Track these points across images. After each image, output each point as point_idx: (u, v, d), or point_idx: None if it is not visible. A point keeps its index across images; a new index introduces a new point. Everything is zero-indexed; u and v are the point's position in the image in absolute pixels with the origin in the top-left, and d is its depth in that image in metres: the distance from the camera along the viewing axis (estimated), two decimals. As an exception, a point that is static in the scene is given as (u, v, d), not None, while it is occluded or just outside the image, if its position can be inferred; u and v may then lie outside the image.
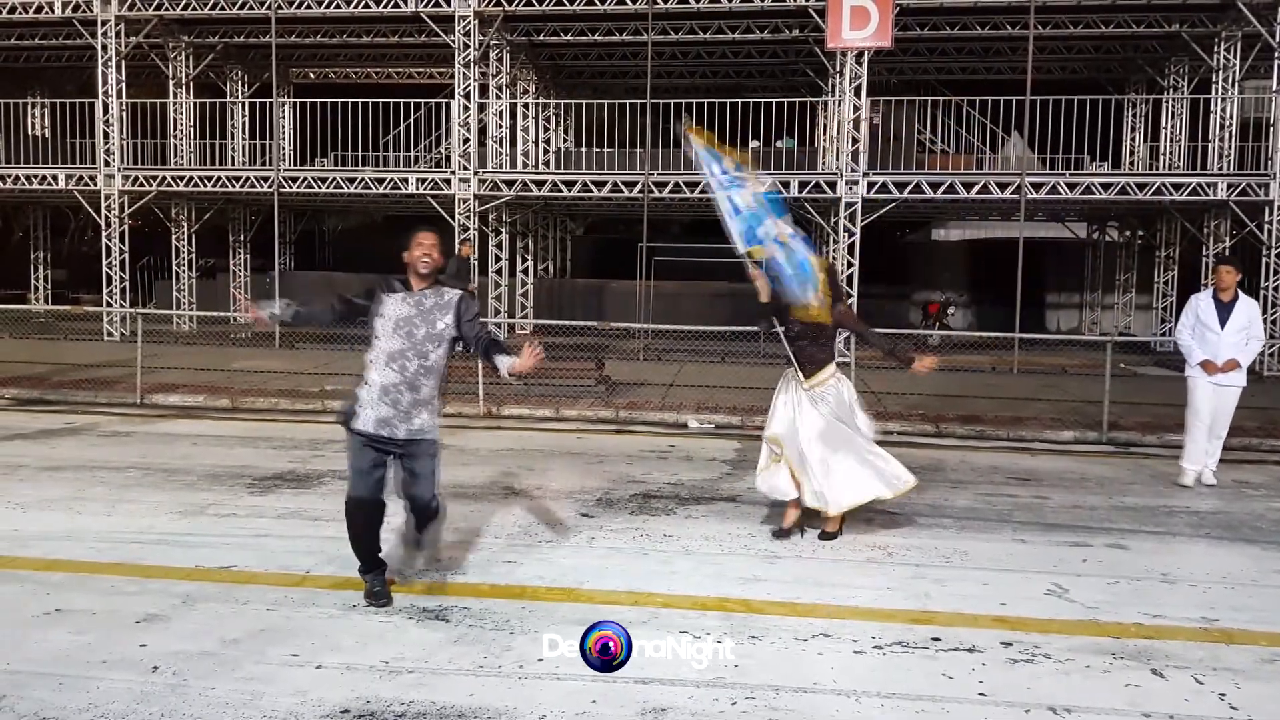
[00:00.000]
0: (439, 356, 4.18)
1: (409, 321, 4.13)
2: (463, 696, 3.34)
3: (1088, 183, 14.71)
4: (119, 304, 16.57)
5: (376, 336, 4.15)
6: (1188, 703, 3.42)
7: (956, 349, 15.54)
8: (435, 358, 4.16)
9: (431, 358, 4.14)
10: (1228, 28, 15.44)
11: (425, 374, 4.14)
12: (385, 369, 4.11)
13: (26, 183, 16.84)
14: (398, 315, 4.14)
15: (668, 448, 8.14)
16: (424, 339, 4.13)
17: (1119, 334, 17.17)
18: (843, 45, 14.33)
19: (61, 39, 17.87)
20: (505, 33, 16.79)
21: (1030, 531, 5.68)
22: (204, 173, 16.89)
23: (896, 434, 9.06)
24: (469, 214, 15.70)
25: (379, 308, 4.18)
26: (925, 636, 3.96)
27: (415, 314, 4.15)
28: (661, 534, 5.44)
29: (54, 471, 6.77)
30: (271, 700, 3.28)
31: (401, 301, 4.17)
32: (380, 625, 3.98)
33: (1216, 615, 4.31)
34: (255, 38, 17.80)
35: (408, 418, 4.12)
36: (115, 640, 3.76)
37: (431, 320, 4.14)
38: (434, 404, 4.22)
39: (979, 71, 18.86)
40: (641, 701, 3.31)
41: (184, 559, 4.80)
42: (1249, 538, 5.66)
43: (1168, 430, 9.08)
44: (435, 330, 4.14)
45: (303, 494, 6.24)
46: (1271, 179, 14.19)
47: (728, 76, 20.13)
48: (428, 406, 4.18)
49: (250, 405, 9.94)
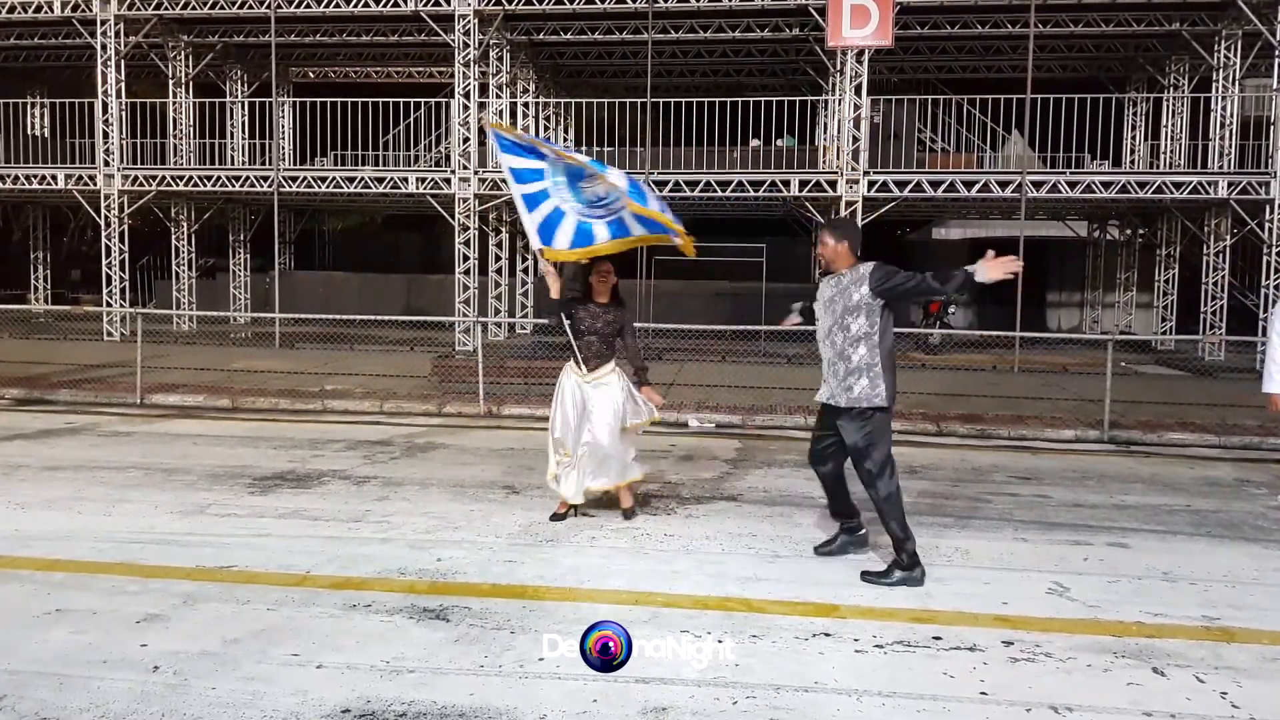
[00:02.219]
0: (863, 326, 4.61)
1: (831, 301, 4.68)
2: (463, 696, 3.33)
3: (1088, 181, 14.71)
4: (119, 304, 16.58)
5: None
6: (1189, 701, 3.41)
7: (958, 348, 15.56)
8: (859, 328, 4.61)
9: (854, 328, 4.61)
10: (1228, 26, 15.44)
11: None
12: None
13: (26, 182, 16.84)
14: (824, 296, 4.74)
15: (668, 447, 8.14)
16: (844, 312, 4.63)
17: (1120, 333, 17.17)
18: (843, 44, 14.33)
19: (61, 38, 17.88)
20: (505, 32, 16.79)
21: (1031, 530, 5.68)
22: (203, 172, 16.89)
23: (897, 433, 9.03)
24: (469, 213, 15.69)
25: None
26: (926, 635, 3.96)
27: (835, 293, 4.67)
28: (662, 533, 5.44)
29: (54, 471, 6.77)
30: (272, 700, 3.28)
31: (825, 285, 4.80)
32: (381, 625, 3.98)
33: (1218, 614, 4.30)
34: (255, 37, 17.82)
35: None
36: (116, 640, 3.76)
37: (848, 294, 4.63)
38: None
39: (979, 70, 18.87)
40: (642, 701, 3.31)
41: (184, 559, 4.80)
42: (1250, 536, 5.66)
43: (1168, 429, 9.09)
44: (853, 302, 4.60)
45: (303, 494, 6.24)
46: (1272, 177, 14.19)
47: (728, 75, 20.13)
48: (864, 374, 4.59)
49: (250, 405, 9.95)
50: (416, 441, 8.26)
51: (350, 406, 9.92)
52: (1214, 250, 15.76)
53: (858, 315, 4.57)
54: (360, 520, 5.61)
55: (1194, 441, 8.78)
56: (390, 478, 6.73)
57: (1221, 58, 15.69)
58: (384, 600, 4.26)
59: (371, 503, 6.03)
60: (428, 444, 8.16)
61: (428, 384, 10.96)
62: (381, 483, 6.59)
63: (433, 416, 9.63)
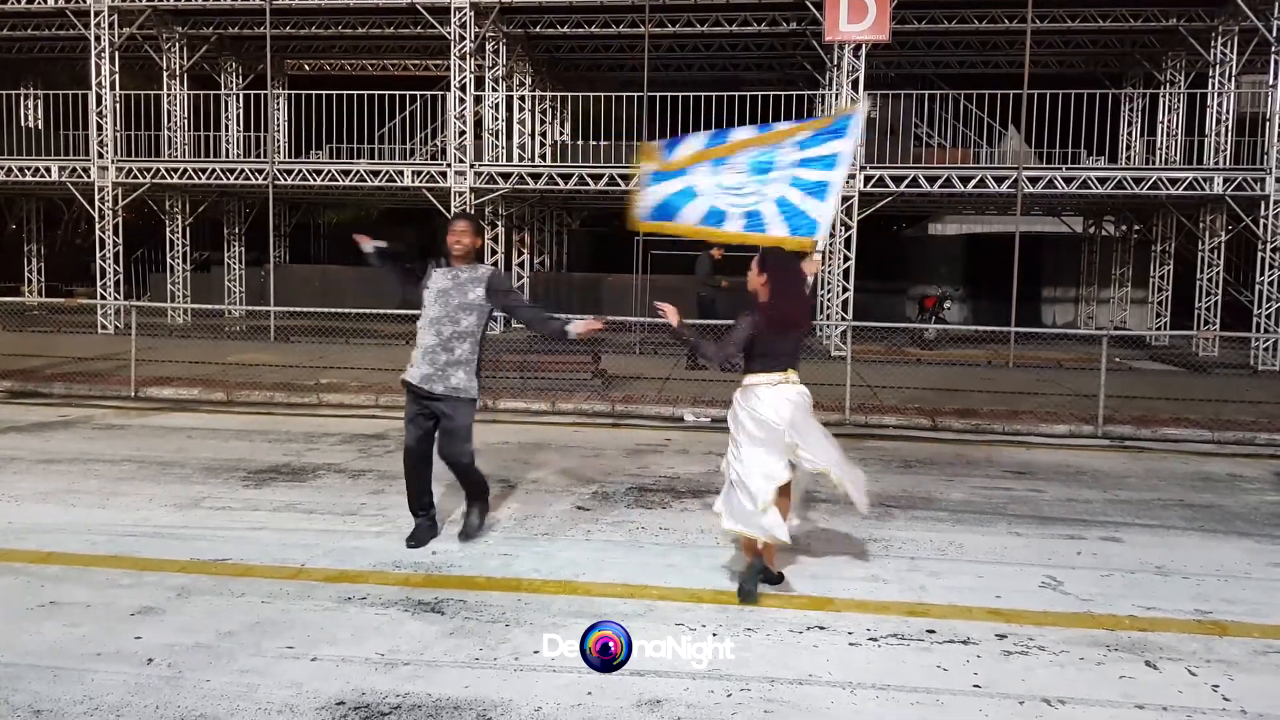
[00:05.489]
0: (471, 323, 4.84)
1: (446, 293, 4.83)
2: (458, 688, 3.34)
3: (1084, 177, 14.72)
4: (113, 297, 16.52)
5: (423, 304, 4.88)
6: (1181, 694, 3.43)
7: (953, 343, 15.57)
8: (468, 324, 4.83)
9: (464, 324, 4.82)
10: (1225, 22, 15.44)
11: (459, 338, 4.81)
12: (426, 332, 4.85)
13: (19, 175, 16.76)
14: (439, 286, 4.86)
15: (664, 441, 8.14)
16: (458, 307, 4.82)
17: (1115, 328, 17.21)
18: (840, 38, 14.31)
19: (54, 30, 17.77)
20: (501, 24, 16.74)
21: (1025, 525, 5.70)
22: (198, 165, 16.82)
23: (892, 428, 9.08)
24: (465, 207, 15.66)
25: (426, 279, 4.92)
26: (920, 629, 3.97)
27: (452, 286, 4.85)
28: (658, 527, 5.45)
29: (49, 464, 6.75)
30: (267, 692, 3.28)
31: (442, 275, 4.90)
32: (376, 618, 3.98)
33: (1210, 608, 4.32)
34: (249, 29, 17.73)
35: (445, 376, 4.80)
36: (110, 633, 3.75)
37: (464, 291, 4.84)
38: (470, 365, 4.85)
39: (976, 65, 18.85)
40: (637, 693, 3.31)
41: (179, 552, 4.79)
42: (1243, 531, 5.68)
43: (1162, 424, 9.12)
44: (468, 300, 4.83)
45: (298, 487, 6.24)
46: (1267, 173, 14.21)
47: (725, 70, 20.09)
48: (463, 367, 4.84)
49: (245, 398, 9.93)
50: (412, 435, 8.25)
51: (346, 400, 9.91)
52: (1209, 246, 15.79)
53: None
54: (355, 514, 5.61)
55: (1188, 437, 8.81)
56: (385, 471, 6.72)
57: (1218, 54, 15.69)
58: (379, 593, 4.26)
59: (367, 496, 6.02)
60: (423, 437, 8.14)
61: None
62: (376, 476, 6.58)
63: (428, 410, 9.60)
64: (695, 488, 6.46)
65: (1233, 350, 15.36)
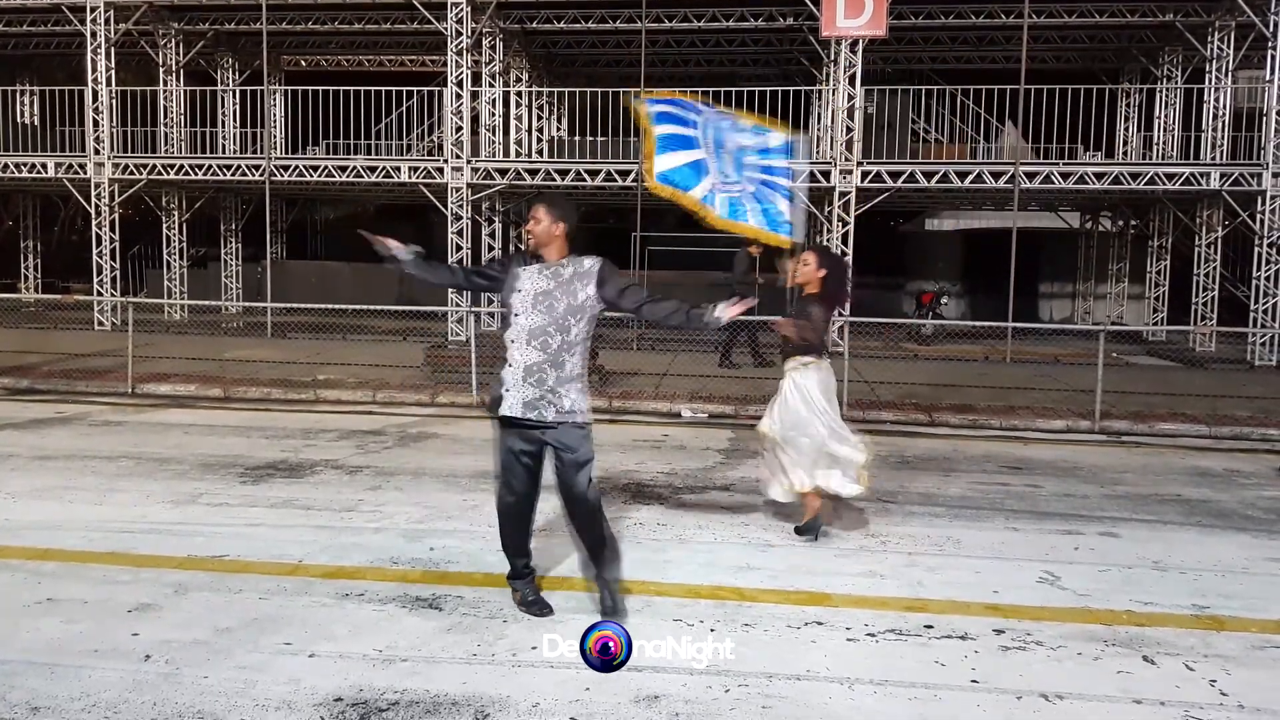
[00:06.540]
0: (582, 331, 3.87)
1: (548, 295, 3.83)
2: (456, 684, 3.34)
3: (1081, 172, 14.72)
4: (110, 293, 16.49)
5: (515, 313, 3.85)
6: (1178, 689, 3.43)
7: (950, 338, 15.58)
8: (578, 332, 3.86)
9: (574, 332, 3.85)
10: (1221, 17, 15.44)
11: (568, 350, 3.84)
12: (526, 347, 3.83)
13: (15, 171, 16.72)
14: (537, 289, 3.84)
15: (661, 437, 8.14)
16: (565, 312, 3.83)
17: (1112, 324, 17.22)
18: (837, 33, 14.28)
19: (50, 26, 17.71)
20: (498, 20, 16.71)
21: (1023, 520, 5.70)
22: (195, 161, 16.78)
23: (890, 423, 9.08)
24: (462, 203, 15.64)
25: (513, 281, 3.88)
26: (918, 624, 3.97)
27: (554, 287, 3.84)
28: (655, 523, 5.45)
29: (45, 461, 6.74)
30: (264, 689, 3.28)
31: (537, 275, 3.87)
32: (373, 614, 3.97)
33: (1207, 603, 4.33)
34: (246, 24, 17.68)
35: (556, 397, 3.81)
36: (107, 629, 3.75)
37: (571, 291, 3.85)
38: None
39: (973, 61, 18.85)
40: (635, 689, 3.31)
41: (176, 548, 4.78)
42: (1240, 526, 5.69)
43: (1159, 419, 9.13)
44: (577, 301, 3.84)
45: (295, 483, 6.23)
46: (1264, 169, 14.21)
47: (722, 65, 20.05)
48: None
49: (242, 395, 9.91)
50: (409, 431, 8.25)
51: (343, 396, 9.90)
52: (1206, 241, 15.80)
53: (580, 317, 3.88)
54: (353, 510, 5.60)
55: (1185, 432, 8.82)
56: (383, 467, 6.72)
57: (1215, 49, 15.69)
58: (377, 589, 4.26)
59: (364, 492, 6.02)
60: (420, 434, 8.15)
61: (420, 374, 10.93)
62: (374, 472, 6.58)
63: (425, 406, 9.61)
64: (692, 484, 6.46)
65: (1229, 345, 15.38)
